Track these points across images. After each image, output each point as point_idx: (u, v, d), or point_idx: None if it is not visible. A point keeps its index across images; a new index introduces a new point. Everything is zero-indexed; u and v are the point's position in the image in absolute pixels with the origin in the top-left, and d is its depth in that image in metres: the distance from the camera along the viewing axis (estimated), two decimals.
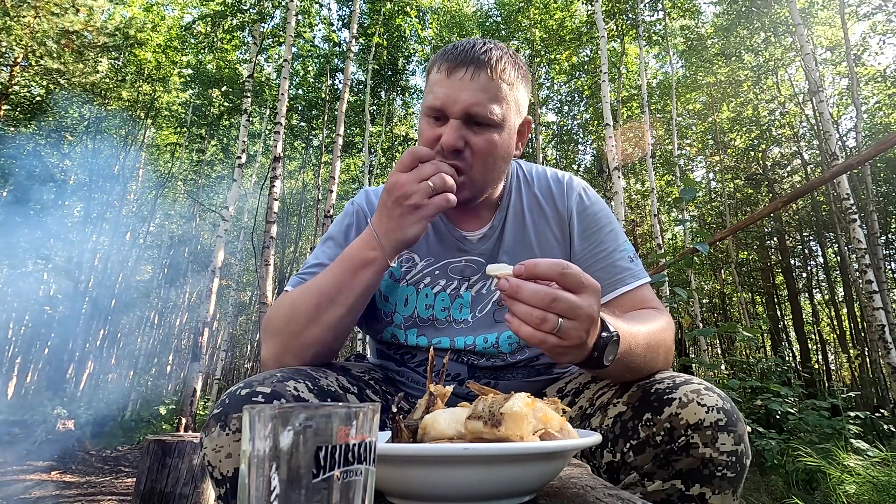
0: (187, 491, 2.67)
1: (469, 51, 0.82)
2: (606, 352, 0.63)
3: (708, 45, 12.21)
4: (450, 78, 0.82)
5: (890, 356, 6.11)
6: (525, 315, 0.56)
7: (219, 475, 0.68)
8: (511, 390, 0.92)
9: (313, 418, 0.31)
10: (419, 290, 0.94)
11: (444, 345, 0.92)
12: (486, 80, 0.81)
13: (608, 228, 0.94)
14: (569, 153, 15.88)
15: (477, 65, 0.81)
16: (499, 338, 0.91)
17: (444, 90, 0.82)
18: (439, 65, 0.84)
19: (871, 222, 9.69)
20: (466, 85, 0.81)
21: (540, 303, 0.55)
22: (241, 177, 7.93)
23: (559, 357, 0.60)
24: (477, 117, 0.81)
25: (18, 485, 4.60)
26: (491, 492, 0.49)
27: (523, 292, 0.56)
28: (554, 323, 0.55)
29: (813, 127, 12.36)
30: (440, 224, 0.96)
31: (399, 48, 12.13)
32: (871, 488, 2.62)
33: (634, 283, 0.89)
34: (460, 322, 0.93)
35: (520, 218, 0.96)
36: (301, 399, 0.73)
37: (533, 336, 0.56)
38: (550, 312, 0.55)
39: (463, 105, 0.81)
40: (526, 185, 0.99)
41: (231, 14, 9.03)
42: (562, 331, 0.56)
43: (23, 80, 10.83)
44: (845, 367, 16.97)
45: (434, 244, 0.95)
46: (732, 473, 0.66)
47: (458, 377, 0.94)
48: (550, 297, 0.55)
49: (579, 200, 0.96)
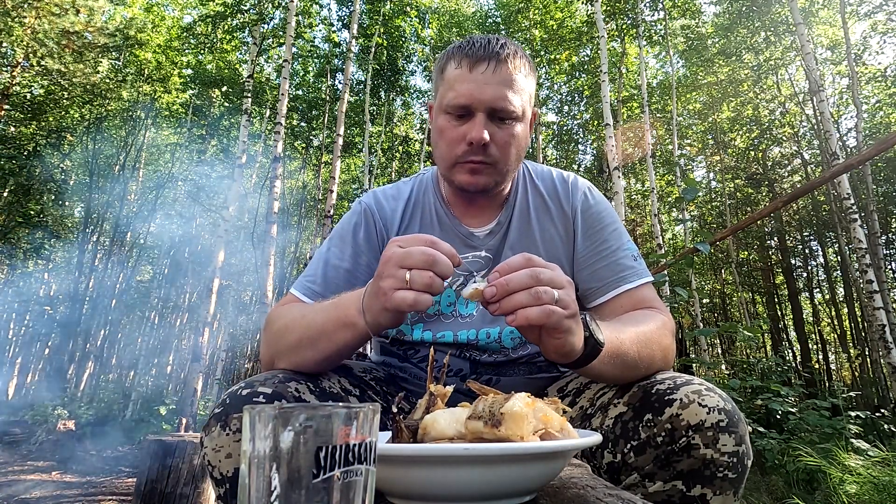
0: (188, 491, 2.67)
1: (487, 46, 0.84)
2: (593, 329, 0.64)
3: (708, 44, 12.20)
4: (472, 73, 0.83)
5: (890, 356, 6.11)
6: (524, 298, 0.56)
7: (219, 475, 0.68)
8: (513, 387, 0.94)
9: (314, 418, 0.31)
10: None
11: (447, 339, 0.93)
12: (507, 73, 0.83)
13: (612, 227, 0.95)
14: (569, 153, 15.87)
15: (497, 59, 0.83)
16: (501, 332, 0.92)
17: (468, 86, 0.83)
18: (458, 60, 0.85)
19: (872, 222, 9.69)
20: (490, 79, 0.82)
21: (529, 281, 0.57)
22: (241, 177, 7.93)
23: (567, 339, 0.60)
24: (502, 112, 0.83)
25: (19, 485, 4.60)
26: (491, 492, 0.49)
27: (512, 282, 0.57)
28: (551, 293, 0.57)
29: (813, 126, 12.36)
30: (446, 220, 0.97)
31: (399, 48, 12.14)
32: (871, 488, 2.62)
33: (637, 282, 0.89)
34: (465, 317, 0.94)
35: (525, 215, 0.97)
36: (302, 400, 0.73)
37: (541, 313, 0.56)
38: (542, 286, 0.57)
39: (489, 100, 0.82)
40: (532, 183, 1.00)
41: (231, 15, 9.04)
42: (560, 300, 0.57)
43: (23, 80, 10.83)
44: (846, 367, 16.97)
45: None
46: (734, 474, 0.66)
47: (461, 373, 0.94)
48: (535, 273, 0.57)
49: (584, 199, 0.97)
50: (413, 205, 1.00)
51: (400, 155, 14.87)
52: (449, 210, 0.98)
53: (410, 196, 1.01)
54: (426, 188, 1.01)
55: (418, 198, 1.01)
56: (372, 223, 0.97)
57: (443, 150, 0.89)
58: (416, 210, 1.00)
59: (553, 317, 0.57)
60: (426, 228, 0.98)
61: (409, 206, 1.00)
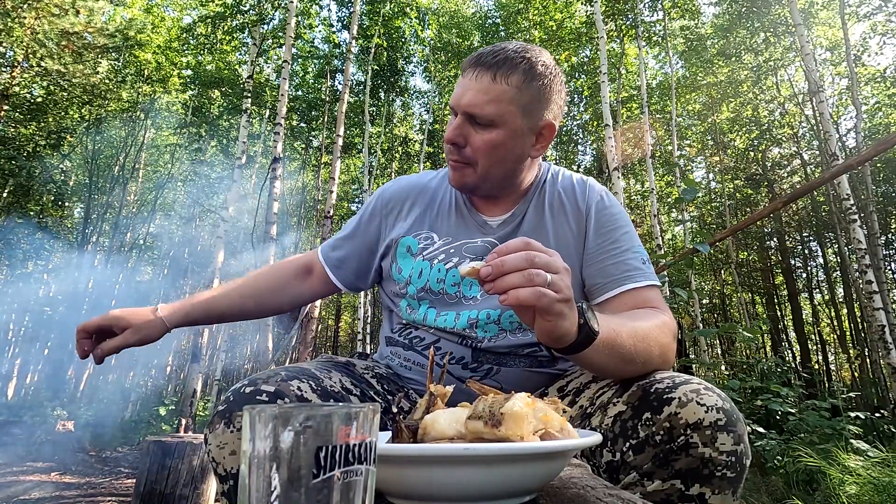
0: (187, 492, 2.67)
1: (485, 54, 0.89)
2: (588, 317, 0.65)
3: (708, 45, 12.21)
4: (464, 78, 0.91)
5: (890, 356, 6.11)
6: (517, 279, 0.58)
7: (223, 471, 0.70)
8: (513, 379, 0.96)
9: (314, 418, 0.31)
10: (433, 265, 1.00)
11: (449, 319, 0.96)
12: (489, 82, 0.87)
13: (624, 230, 0.97)
14: (569, 153, 15.88)
15: (484, 67, 0.88)
16: (502, 314, 0.94)
17: (457, 90, 0.91)
18: (464, 65, 0.93)
19: (871, 222, 9.70)
20: (471, 85, 0.89)
21: (524, 263, 0.58)
22: (240, 177, 7.93)
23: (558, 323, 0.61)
24: (477, 116, 0.88)
25: (18, 486, 4.59)
26: (491, 492, 0.49)
27: (507, 263, 0.58)
28: (544, 276, 0.58)
29: (813, 127, 12.36)
30: (463, 208, 1.04)
31: (399, 49, 12.14)
32: (871, 489, 2.62)
33: (644, 282, 0.90)
34: (469, 299, 0.97)
35: (540, 210, 1.01)
36: (304, 399, 0.75)
37: (532, 294, 0.57)
38: (535, 269, 0.58)
39: (465, 104, 0.89)
40: (552, 182, 1.04)
41: (231, 15, 9.04)
42: (552, 283, 0.58)
43: (23, 81, 10.84)
44: (845, 368, 16.97)
45: (454, 225, 1.03)
46: (732, 473, 0.66)
47: (462, 360, 0.95)
48: (530, 256, 0.58)
49: (599, 200, 1.00)
50: (432, 192, 1.08)
51: (400, 156, 14.88)
52: (468, 199, 1.04)
53: (430, 184, 1.09)
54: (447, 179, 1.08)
55: (438, 186, 1.08)
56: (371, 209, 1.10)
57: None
58: (436, 197, 1.07)
59: (544, 299, 0.58)
60: (442, 214, 1.04)
61: (426, 192, 1.08)
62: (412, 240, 1.03)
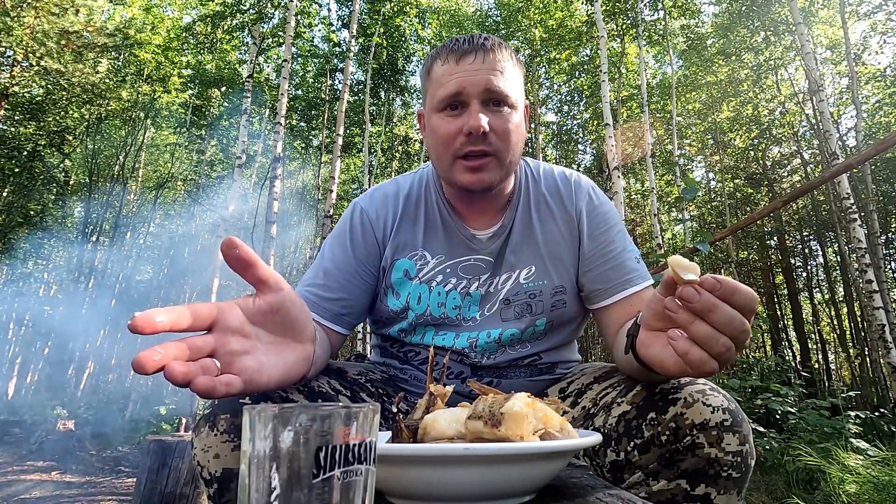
0: (188, 491, 2.67)
1: (471, 40, 0.85)
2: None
3: (708, 44, 12.21)
4: (460, 65, 0.83)
5: (890, 356, 6.11)
6: (708, 338, 0.50)
7: (207, 475, 0.68)
8: (513, 390, 0.93)
9: (314, 419, 0.31)
10: (431, 289, 0.94)
11: (448, 339, 0.93)
12: (495, 60, 0.83)
13: (616, 228, 0.95)
14: (569, 153, 15.88)
15: (484, 49, 0.83)
16: (502, 334, 0.92)
17: (458, 77, 0.82)
18: (444, 58, 0.85)
19: (872, 222, 9.69)
20: (479, 67, 0.82)
21: (731, 330, 0.50)
22: (240, 177, 7.93)
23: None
24: (497, 94, 0.82)
25: (19, 485, 4.60)
26: (491, 492, 0.49)
27: (717, 314, 0.50)
28: (733, 352, 0.50)
29: (813, 126, 12.35)
30: (449, 220, 0.95)
31: (399, 48, 12.13)
32: (871, 488, 2.62)
33: (643, 284, 0.90)
34: (468, 320, 0.94)
35: (527, 218, 0.95)
36: (290, 400, 0.73)
37: (705, 364, 0.51)
38: (733, 340, 0.50)
39: (482, 84, 0.82)
40: (534, 183, 0.98)
41: (230, 14, 9.04)
42: (726, 357, 0.51)
43: (23, 80, 10.83)
44: (845, 367, 16.96)
45: (444, 242, 0.95)
46: (737, 473, 0.66)
47: (462, 375, 0.94)
48: (743, 327, 0.49)
49: (588, 200, 0.96)
50: (415, 203, 0.97)
51: (400, 155, 14.88)
52: (451, 210, 0.95)
53: (410, 193, 0.98)
54: (427, 185, 0.99)
55: (420, 195, 0.97)
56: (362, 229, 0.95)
57: (439, 150, 0.85)
58: (419, 209, 0.96)
59: (703, 369, 0.53)
60: (430, 230, 0.95)
61: (409, 204, 0.97)
62: (408, 262, 0.94)
